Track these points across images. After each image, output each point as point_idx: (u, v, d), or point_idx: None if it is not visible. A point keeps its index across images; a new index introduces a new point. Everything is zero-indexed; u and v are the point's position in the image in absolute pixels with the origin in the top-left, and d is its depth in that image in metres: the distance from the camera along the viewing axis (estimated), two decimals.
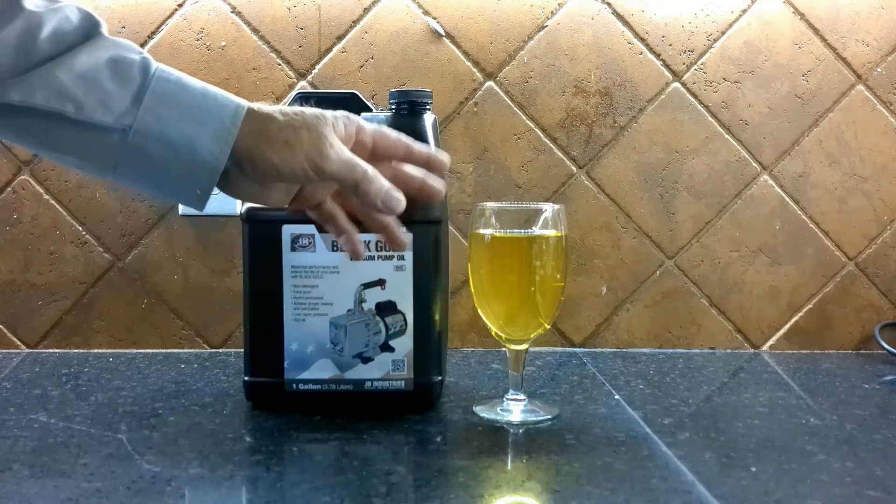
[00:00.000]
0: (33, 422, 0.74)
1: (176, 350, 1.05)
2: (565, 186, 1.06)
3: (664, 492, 0.59)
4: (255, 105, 0.61)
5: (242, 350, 0.79)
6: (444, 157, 0.67)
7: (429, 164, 0.66)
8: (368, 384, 0.76)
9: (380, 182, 0.61)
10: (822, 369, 0.99)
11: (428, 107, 0.79)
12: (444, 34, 1.04)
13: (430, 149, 0.67)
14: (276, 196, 0.64)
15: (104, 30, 0.60)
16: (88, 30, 0.59)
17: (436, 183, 0.66)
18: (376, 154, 0.65)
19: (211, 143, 0.58)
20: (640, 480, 0.61)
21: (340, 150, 0.61)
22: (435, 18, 1.04)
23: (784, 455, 0.67)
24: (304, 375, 0.76)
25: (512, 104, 1.05)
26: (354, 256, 0.69)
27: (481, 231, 0.76)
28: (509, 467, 0.65)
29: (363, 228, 0.69)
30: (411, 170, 0.65)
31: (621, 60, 1.06)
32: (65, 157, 0.60)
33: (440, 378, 0.80)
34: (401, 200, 0.62)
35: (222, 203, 0.72)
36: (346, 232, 0.68)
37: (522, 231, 0.75)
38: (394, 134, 0.66)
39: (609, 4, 1.05)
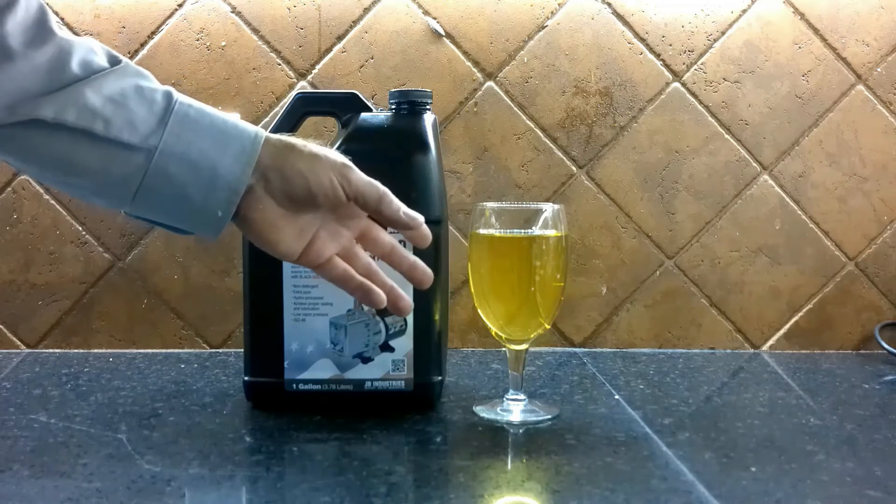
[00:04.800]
0: (33, 422, 0.74)
1: (176, 350, 1.05)
2: (565, 186, 1.06)
3: (664, 492, 0.59)
4: (275, 135, 0.63)
5: (242, 350, 0.79)
6: (427, 233, 0.67)
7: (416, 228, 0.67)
8: (368, 384, 0.76)
9: (397, 200, 0.64)
10: (822, 369, 0.99)
11: (428, 107, 0.79)
12: (444, 34, 1.04)
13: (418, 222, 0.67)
14: (289, 238, 0.63)
15: (128, 62, 0.62)
16: (114, 60, 0.61)
17: (426, 269, 0.68)
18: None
19: (232, 163, 0.60)
20: (640, 480, 0.61)
21: (360, 171, 0.64)
22: (435, 18, 1.04)
23: (784, 455, 0.67)
24: (304, 375, 0.76)
25: (512, 104, 1.05)
26: (377, 305, 0.66)
27: (481, 231, 0.76)
28: (509, 467, 0.66)
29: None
30: (404, 252, 0.68)
31: (621, 60, 1.06)
32: (86, 181, 0.60)
33: (440, 378, 0.80)
34: (418, 217, 0.65)
35: None
36: (363, 285, 0.66)
37: (522, 231, 0.75)
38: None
39: (609, 4, 1.05)
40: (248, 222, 0.62)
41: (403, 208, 0.65)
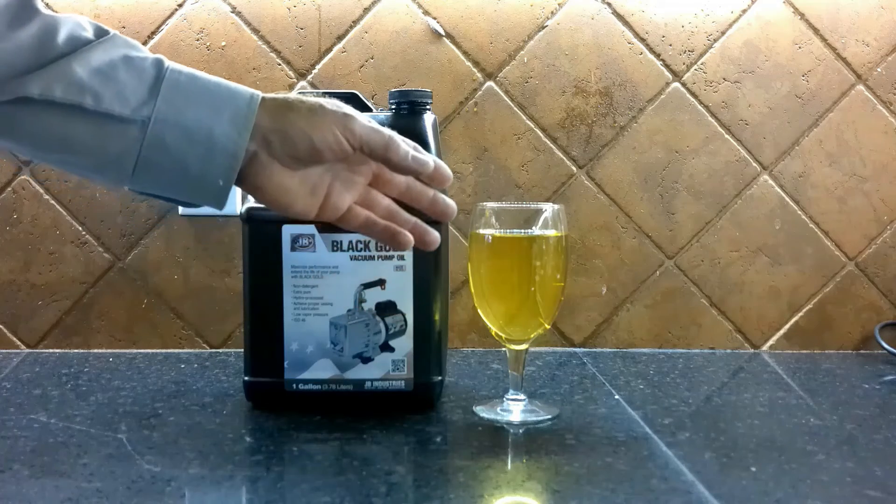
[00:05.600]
0: (33, 422, 0.74)
1: (176, 350, 1.05)
2: (565, 186, 1.06)
3: (664, 492, 0.59)
4: (270, 94, 0.62)
5: (242, 350, 0.79)
6: (445, 171, 0.66)
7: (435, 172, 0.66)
8: (368, 384, 0.76)
9: (405, 144, 0.63)
10: (822, 369, 0.99)
11: (428, 107, 0.79)
12: (444, 34, 1.04)
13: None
14: (303, 197, 0.63)
15: (116, 33, 0.61)
16: (101, 33, 0.60)
17: (447, 200, 0.67)
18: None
19: (229, 128, 0.59)
20: (640, 480, 0.61)
21: (363, 117, 0.62)
22: (435, 18, 1.04)
23: (784, 455, 0.67)
24: (304, 375, 0.76)
25: (512, 104, 1.05)
26: (404, 247, 0.66)
27: (481, 231, 0.76)
28: (509, 467, 0.66)
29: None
30: (422, 187, 0.66)
31: (621, 60, 1.06)
32: (84, 158, 0.59)
33: (440, 378, 0.80)
34: (427, 160, 0.63)
35: None
36: (387, 228, 0.66)
37: (522, 231, 0.75)
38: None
39: (609, 4, 1.05)
40: (258, 189, 0.62)
41: (412, 152, 0.63)
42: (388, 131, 0.62)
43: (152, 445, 0.68)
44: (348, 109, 0.62)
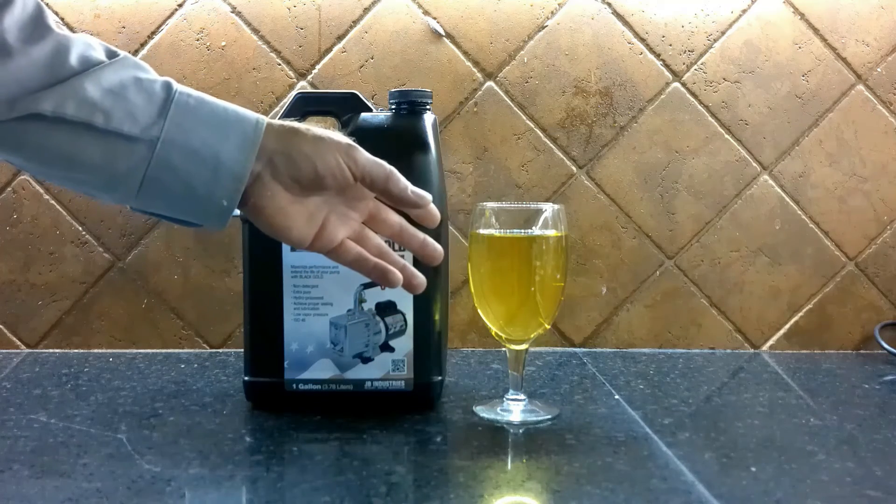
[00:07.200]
0: (33, 422, 0.74)
1: (176, 350, 1.05)
2: (565, 186, 1.06)
3: (664, 492, 0.59)
4: (276, 121, 0.63)
5: (242, 350, 0.79)
6: (435, 211, 0.68)
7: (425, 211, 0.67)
8: (368, 384, 0.76)
9: (404, 178, 0.64)
10: (822, 369, 0.99)
11: (428, 107, 0.79)
12: (444, 34, 1.04)
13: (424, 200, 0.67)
14: (300, 224, 0.63)
15: (126, 55, 0.62)
16: (112, 54, 0.61)
17: (436, 245, 0.68)
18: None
19: (235, 151, 0.60)
20: (640, 480, 0.61)
21: (365, 151, 0.64)
22: (435, 18, 1.04)
23: (784, 455, 0.67)
24: (304, 375, 0.76)
25: (512, 104, 1.05)
26: (393, 285, 0.66)
27: (481, 231, 0.76)
28: (509, 467, 0.66)
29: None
30: (414, 230, 0.68)
31: (621, 60, 1.06)
32: (91, 176, 0.59)
33: (440, 378, 0.80)
34: (425, 195, 0.65)
35: None
36: (378, 265, 0.66)
37: (522, 231, 0.75)
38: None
39: (609, 4, 1.05)
40: (257, 210, 0.62)
41: (411, 187, 0.64)
42: (388, 165, 0.64)
43: (152, 445, 0.68)
44: (352, 142, 0.63)
